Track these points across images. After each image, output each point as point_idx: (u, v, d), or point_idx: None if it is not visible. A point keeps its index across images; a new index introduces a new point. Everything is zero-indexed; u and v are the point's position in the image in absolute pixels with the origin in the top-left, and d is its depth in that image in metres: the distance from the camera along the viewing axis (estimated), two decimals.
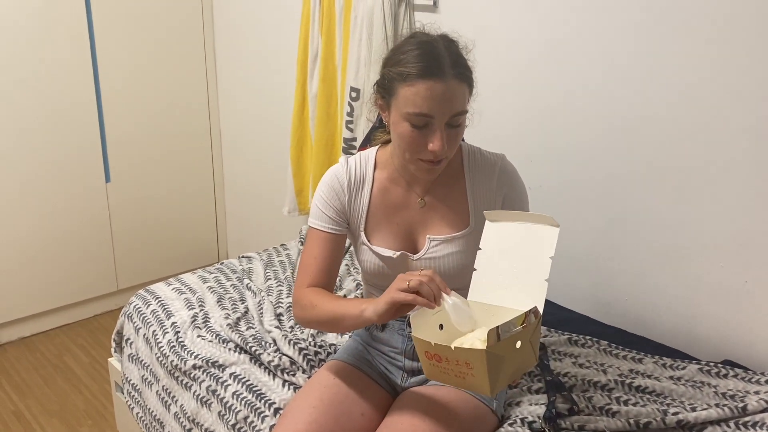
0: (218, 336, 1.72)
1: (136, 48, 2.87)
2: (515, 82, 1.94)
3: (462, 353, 0.99)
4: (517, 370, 1.07)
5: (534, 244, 1.16)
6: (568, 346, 1.69)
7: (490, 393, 1.01)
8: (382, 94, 1.25)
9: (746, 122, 1.54)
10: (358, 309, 1.19)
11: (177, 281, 2.02)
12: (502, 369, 1.01)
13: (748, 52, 1.51)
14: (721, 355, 1.69)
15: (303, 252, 1.37)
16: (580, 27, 1.79)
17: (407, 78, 1.17)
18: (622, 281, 1.86)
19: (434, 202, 1.34)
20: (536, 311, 1.08)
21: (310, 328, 1.34)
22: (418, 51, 1.18)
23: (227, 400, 1.53)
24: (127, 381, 1.91)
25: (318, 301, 1.28)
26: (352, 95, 2.29)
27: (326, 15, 2.37)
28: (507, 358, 1.01)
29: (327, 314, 1.26)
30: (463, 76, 1.19)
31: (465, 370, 1.00)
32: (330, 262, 1.35)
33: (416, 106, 1.17)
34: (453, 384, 1.06)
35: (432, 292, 1.09)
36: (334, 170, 1.37)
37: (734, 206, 1.60)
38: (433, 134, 1.19)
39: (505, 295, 1.15)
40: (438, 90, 1.15)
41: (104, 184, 2.90)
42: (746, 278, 1.62)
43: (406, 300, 1.09)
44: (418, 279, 1.10)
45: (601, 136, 1.81)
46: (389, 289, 1.13)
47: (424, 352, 1.05)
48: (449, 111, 1.18)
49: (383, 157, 1.37)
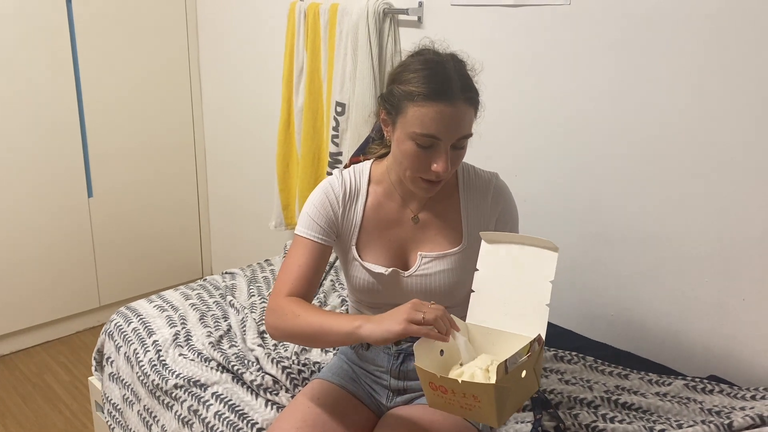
0: (200, 354, 1.69)
1: (120, 62, 2.85)
2: (500, 97, 1.94)
3: (470, 387, 0.97)
4: (522, 397, 1.06)
5: (533, 267, 1.14)
6: (554, 362, 1.68)
7: (497, 424, 0.99)
8: (387, 110, 1.23)
9: (733, 136, 1.55)
10: (350, 326, 1.13)
11: (159, 298, 2.00)
12: (508, 399, 1.00)
13: (735, 66, 1.52)
14: (707, 370, 1.69)
15: (286, 259, 1.32)
16: (565, 39, 1.80)
17: (416, 98, 1.15)
18: (608, 296, 1.86)
19: (428, 218, 1.33)
20: (540, 339, 1.06)
21: (284, 340, 1.26)
22: (428, 71, 1.17)
23: (209, 421, 1.51)
24: (108, 400, 1.87)
25: (301, 312, 1.21)
26: (338, 110, 2.29)
27: (311, 30, 2.37)
28: (513, 388, 1.00)
29: (311, 326, 1.19)
30: (471, 100, 1.18)
31: (472, 402, 0.98)
32: (313, 273, 1.30)
33: (424, 127, 1.15)
34: (457, 414, 1.03)
35: (445, 328, 1.08)
36: (330, 181, 1.34)
37: (720, 221, 1.61)
38: (438, 156, 1.18)
39: (505, 319, 1.13)
40: (447, 113, 1.15)
41: (86, 198, 2.87)
42: (731, 293, 1.63)
43: (419, 333, 1.06)
44: (434, 314, 1.07)
45: (586, 150, 1.82)
46: (397, 319, 1.07)
47: (428, 383, 1.02)
48: (456, 134, 1.17)
49: (378, 170, 1.35)
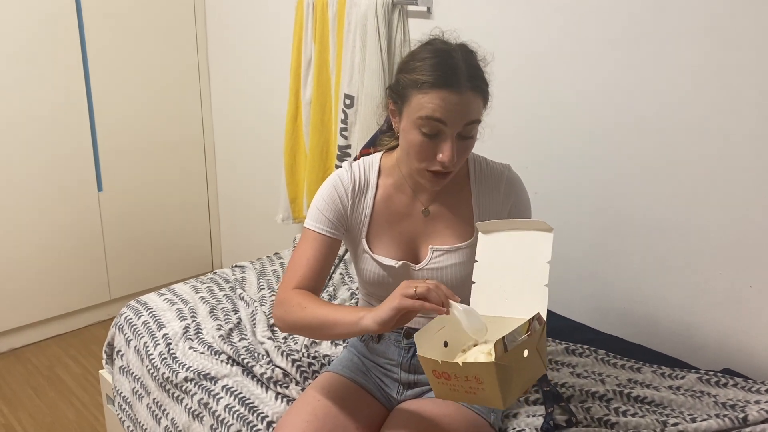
0: (210, 348, 1.69)
1: (129, 58, 2.85)
2: (510, 87, 1.92)
3: (471, 368, 0.97)
4: (528, 379, 1.05)
5: (530, 250, 1.14)
6: (566, 355, 1.67)
7: (502, 405, 0.98)
8: (394, 99, 1.23)
9: (747, 126, 1.53)
10: (355, 317, 1.13)
11: (169, 291, 2.00)
12: (512, 380, 0.99)
13: (747, 53, 1.50)
14: (720, 363, 1.67)
15: (295, 252, 1.32)
16: (576, 32, 1.77)
17: (421, 86, 1.15)
18: (620, 289, 1.84)
19: (439, 211, 1.32)
20: (540, 318, 1.05)
21: (291, 332, 1.27)
22: (434, 60, 1.16)
23: (219, 414, 1.51)
24: (118, 393, 1.88)
25: (307, 304, 1.22)
26: (346, 102, 2.28)
27: (319, 22, 2.36)
28: (516, 368, 0.99)
29: (317, 318, 1.19)
30: (478, 88, 1.17)
31: (475, 385, 0.98)
32: (322, 266, 1.30)
33: (428, 110, 1.14)
34: (464, 401, 1.03)
35: (440, 299, 1.06)
36: (339, 174, 1.33)
37: (733, 212, 1.59)
38: (444, 144, 1.16)
39: (507, 305, 1.12)
40: (452, 100, 1.13)
41: (96, 193, 2.87)
42: (746, 285, 1.61)
43: (413, 307, 1.05)
44: (425, 285, 1.06)
45: (597, 142, 1.80)
46: (393, 296, 1.08)
47: (431, 371, 1.01)
48: (462, 120, 1.15)
49: (388, 163, 1.34)
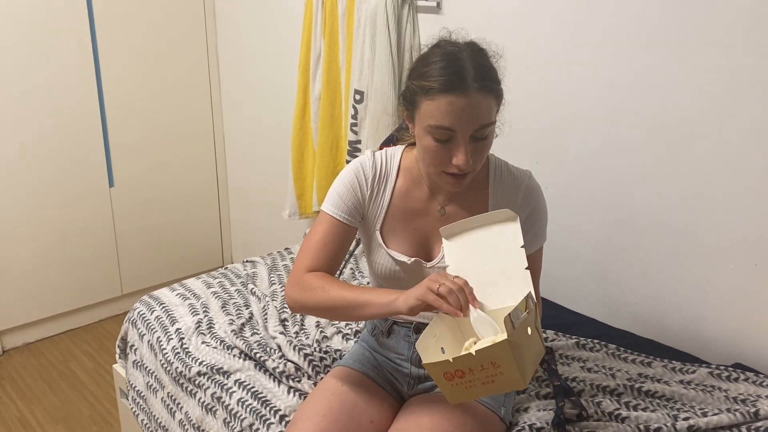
0: (223, 342, 1.70)
1: (139, 52, 2.87)
2: (521, 83, 1.92)
3: (485, 354, 0.96)
4: (534, 358, 1.05)
5: (500, 241, 1.15)
6: (576, 350, 1.67)
7: (524, 383, 0.99)
8: (406, 106, 1.23)
9: (757, 122, 1.53)
10: (389, 298, 1.15)
11: (181, 287, 2.01)
12: (524, 357, 1.00)
13: (757, 52, 1.49)
14: (731, 358, 1.67)
15: (309, 235, 1.31)
16: (587, 29, 1.77)
17: (428, 92, 1.14)
18: (630, 283, 1.84)
19: (454, 211, 1.32)
20: (531, 296, 1.07)
21: (306, 312, 1.28)
22: (441, 63, 1.14)
23: (232, 408, 1.52)
24: (132, 388, 1.90)
25: (330, 286, 1.22)
26: (356, 98, 2.28)
27: (329, 17, 2.36)
28: (524, 345, 1.00)
29: (344, 299, 1.20)
30: (487, 88, 1.14)
31: (492, 371, 0.98)
32: (337, 251, 1.30)
33: (436, 119, 1.14)
34: (483, 394, 1.03)
35: (459, 302, 1.08)
36: (361, 162, 1.33)
37: (744, 207, 1.59)
38: (457, 148, 1.15)
39: (493, 297, 1.13)
40: (459, 104, 1.12)
41: (108, 188, 2.89)
42: (757, 280, 1.61)
43: (434, 303, 1.08)
44: (449, 287, 1.08)
45: (608, 137, 1.80)
46: (420, 286, 1.10)
47: (443, 374, 1.01)
48: (472, 124, 1.14)
49: (408, 159, 1.34)
